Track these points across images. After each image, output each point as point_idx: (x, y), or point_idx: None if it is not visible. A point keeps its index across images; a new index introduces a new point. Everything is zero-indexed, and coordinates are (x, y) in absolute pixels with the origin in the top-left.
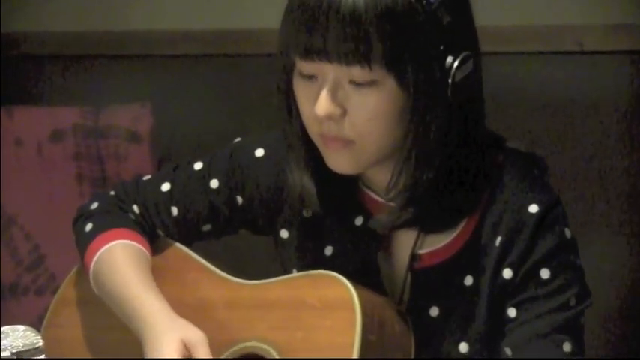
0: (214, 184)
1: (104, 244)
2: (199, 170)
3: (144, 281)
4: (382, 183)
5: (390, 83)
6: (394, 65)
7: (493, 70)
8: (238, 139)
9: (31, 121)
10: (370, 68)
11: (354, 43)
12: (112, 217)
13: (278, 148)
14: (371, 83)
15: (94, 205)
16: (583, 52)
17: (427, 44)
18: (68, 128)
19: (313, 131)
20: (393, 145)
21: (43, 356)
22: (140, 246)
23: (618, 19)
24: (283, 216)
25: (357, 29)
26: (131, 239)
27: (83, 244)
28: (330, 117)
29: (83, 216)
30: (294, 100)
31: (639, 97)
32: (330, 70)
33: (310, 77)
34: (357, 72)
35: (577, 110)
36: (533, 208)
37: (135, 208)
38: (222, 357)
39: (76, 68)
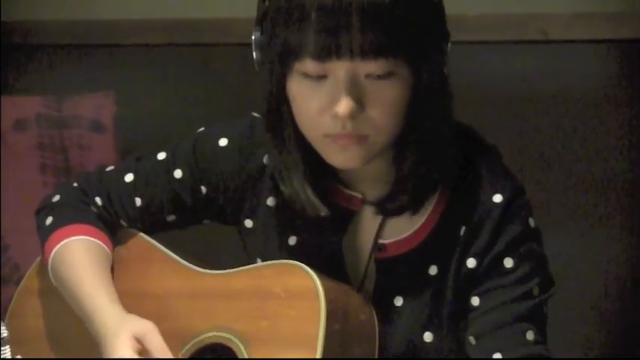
0: (178, 174)
1: (62, 240)
2: (163, 160)
3: (97, 279)
4: (352, 174)
5: (403, 72)
6: (408, 54)
7: (456, 59)
8: (202, 129)
9: None
10: (395, 57)
11: (376, 37)
12: (73, 212)
13: (242, 137)
14: (389, 75)
15: (56, 198)
16: (547, 41)
17: (432, 30)
18: (31, 118)
19: (319, 132)
20: (396, 136)
21: (7, 347)
22: (99, 241)
23: (583, 7)
24: (247, 205)
25: (378, 23)
26: (89, 235)
27: (43, 237)
28: (352, 115)
29: (45, 208)
30: (288, 105)
31: (604, 85)
32: (342, 68)
33: (318, 78)
34: (373, 66)
35: (541, 99)
36: (498, 198)
37: (97, 200)
38: (186, 346)
39: (39, 57)
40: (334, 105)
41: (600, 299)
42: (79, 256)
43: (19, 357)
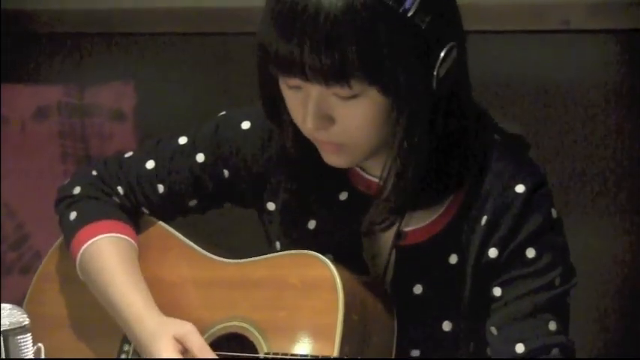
0: (200, 158)
1: (89, 238)
2: (184, 145)
3: (132, 282)
4: (372, 161)
5: (372, 94)
6: (374, 79)
7: (477, 49)
8: (223, 112)
9: (15, 99)
10: (350, 87)
11: (331, 65)
12: (97, 206)
13: (264, 120)
14: (354, 97)
15: (77, 190)
16: (569, 31)
17: (407, 52)
18: (52, 106)
19: (306, 133)
20: (384, 139)
21: (29, 335)
22: (126, 237)
23: None
24: (270, 188)
25: (333, 50)
26: (117, 231)
27: (68, 234)
28: (319, 128)
29: (66, 200)
30: (282, 99)
31: (625, 75)
32: (312, 87)
33: (296, 87)
34: (338, 89)
35: (562, 89)
36: (520, 188)
37: (119, 189)
38: (204, 336)
39: (61, 46)
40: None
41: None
42: (110, 256)
43: (40, 344)
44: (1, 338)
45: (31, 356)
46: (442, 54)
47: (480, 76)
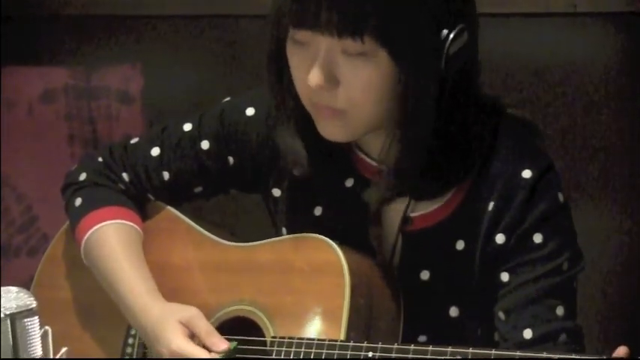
0: (205, 145)
1: (94, 225)
2: (189, 132)
3: (136, 270)
4: (376, 147)
5: (382, 56)
6: (386, 39)
7: (484, 31)
8: (228, 99)
9: (22, 82)
10: (362, 41)
11: (347, 16)
12: (102, 192)
13: (268, 106)
14: (362, 54)
15: (83, 176)
16: (576, 14)
17: (420, 19)
18: (59, 88)
19: (305, 99)
20: (385, 114)
21: (36, 318)
22: (130, 223)
23: None
24: (275, 174)
25: (351, 1)
26: (122, 218)
27: (73, 220)
28: (322, 87)
29: (72, 186)
30: (287, 66)
31: (631, 58)
32: (322, 40)
33: (303, 44)
34: (349, 43)
35: (569, 72)
36: (527, 174)
37: (124, 175)
38: (211, 320)
39: (68, 29)
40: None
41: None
42: (115, 243)
43: (47, 327)
44: (9, 321)
45: (39, 339)
46: (453, 34)
47: (487, 59)
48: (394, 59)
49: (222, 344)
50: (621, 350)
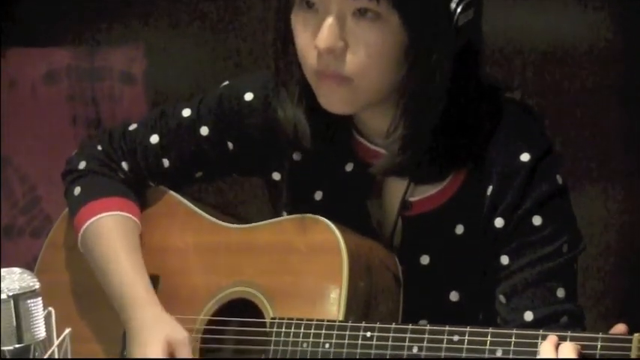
0: (204, 131)
1: (92, 216)
2: (188, 117)
3: (133, 265)
4: (377, 128)
5: (394, 20)
6: (400, 1)
7: (488, 14)
8: (226, 83)
9: (26, 63)
10: (378, 1)
11: None
12: (101, 182)
13: (267, 90)
14: (375, 17)
15: (82, 164)
16: None
17: None
18: (62, 69)
19: (310, 66)
20: (390, 87)
21: (39, 299)
22: (129, 214)
23: None
24: (275, 158)
25: None
26: (120, 209)
27: (72, 208)
28: (331, 50)
29: (72, 174)
30: (292, 35)
31: (636, 41)
32: (333, 1)
33: (311, 7)
34: (364, 2)
35: (574, 55)
36: (525, 157)
37: (124, 164)
38: (211, 301)
39: (71, 9)
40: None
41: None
42: (113, 237)
43: (50, 308)
44: (12, 302)
45: (42, 320)
46: (461, 6)
47: (487, 39)
48: (406, 24)
49: None
50: (619, 327)
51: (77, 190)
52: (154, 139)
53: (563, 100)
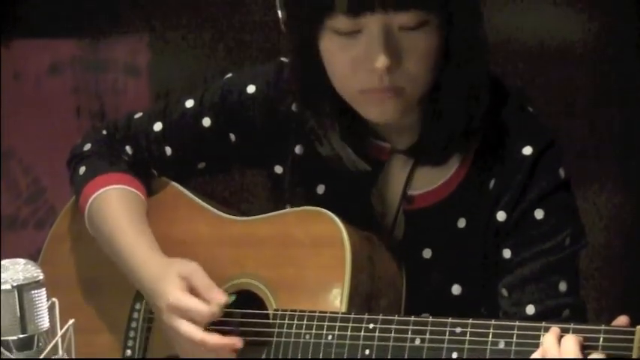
0: (206, 122)
1: (97, 190)
2: (191, 108)
3: (136, 229)
4: (394, 126)
5: (436, 21)
6: (435, 4)
7: (486, 14)
8: (229, 75)
9: (30, 54)
10: (419, 9)
11: None
12: (106, 160)
13: (269, 83)
14: (418, 26)
15: (87, 147)
16: None
17: None
18: (66, 61)
19: (354, 89)
20: (430, 87)
21: (43, 290)
22: (134, 189)
23: None
24: (277, 151)
25: None
26: (125, 183)
27: (77, 187)
28: (389, 69)
29: (76, 157)
30: (319, 64)
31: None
32: (376, 22)
33: (351, 34)
34: (407, 17)
35: (566, 44)
36: (528, 150)
37: (128, 149)
38: None
39: (75, 0)
40: (370, 60)
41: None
42: (117, 205)
43: (54, 299)
44: (16, 292)
45: (46, 311)
46: None
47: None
48: (444, 24)
49: (221, 297)
50: (622, 319)
51: (82, 170)
52: (157, 126)
53: (569, 96)
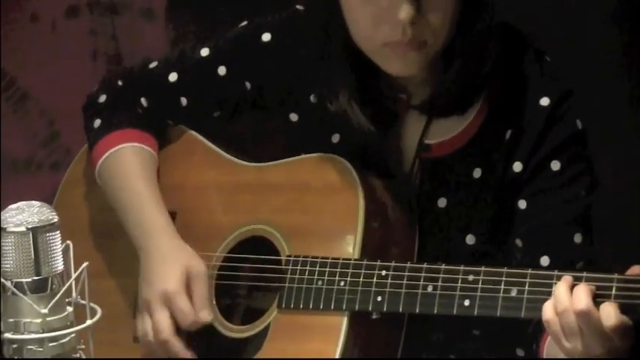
0: (222, 71)
1: (111, 147)
2: (206, 57)
3: (150, 194)
4: (412, 81)
5: None
6: None
7: None
8: (244, 23)
9: None
10: None
11: None
12: (120, 115)
13: (285, 31)
14: None
15: (102, 98)
16: None
17: None
18: (83, 4)
19: (377, 42)
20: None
21: (58, 232)
22: (147, 147)
23: None
24: (292, 99)
25: None
26: (138, 141)
27: (92, 140)
28: (413, 20)
29: (91, 108)
30: (339, 17)
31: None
32: None
33: None
34: None
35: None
36: (545, 101)
37: (143, 100)
38: (227, 239)
39: None
40: (393, 11)
41: None
42: (132, 167)
43: (68, 242)
44: (31, 235)
45: (60, 254)
46: None
47: None
48: None
49: (207, 316)
50: (636, 269)
51: (97, 123)
52: (173, 76)
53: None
